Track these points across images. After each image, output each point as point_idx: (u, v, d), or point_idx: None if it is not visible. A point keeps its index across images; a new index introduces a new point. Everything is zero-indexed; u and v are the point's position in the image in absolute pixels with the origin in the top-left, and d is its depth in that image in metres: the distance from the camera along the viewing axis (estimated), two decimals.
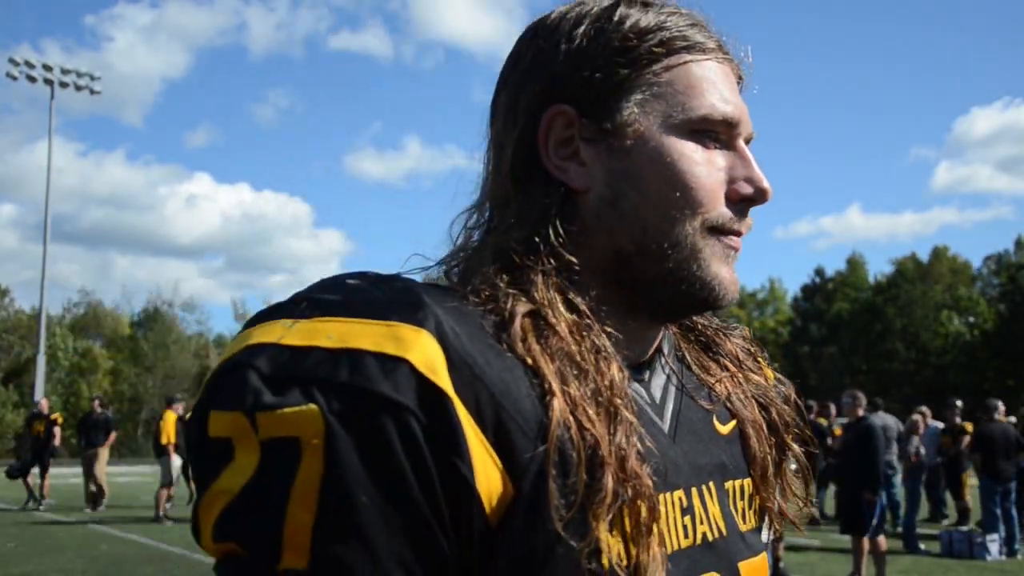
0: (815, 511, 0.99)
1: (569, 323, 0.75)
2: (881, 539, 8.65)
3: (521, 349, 0.71)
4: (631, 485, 0.69)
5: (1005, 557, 10.68)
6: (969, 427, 12.89)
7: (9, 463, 16.99)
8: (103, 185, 79.78)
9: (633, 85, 0.81)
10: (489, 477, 0.65)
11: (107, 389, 44.52)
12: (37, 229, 68.45)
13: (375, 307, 0.68)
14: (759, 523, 0.90)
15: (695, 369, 0.93)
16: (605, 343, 0.76)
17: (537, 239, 0.79)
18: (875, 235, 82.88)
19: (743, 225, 0.84)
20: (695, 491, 0.81)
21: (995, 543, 10.62)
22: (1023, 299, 46.25)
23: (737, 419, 0.91)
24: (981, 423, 11.56)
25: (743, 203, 0.84)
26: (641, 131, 0.81)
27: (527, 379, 0.70)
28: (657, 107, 0.81)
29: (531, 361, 0.71)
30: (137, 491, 17.19)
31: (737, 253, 0.84)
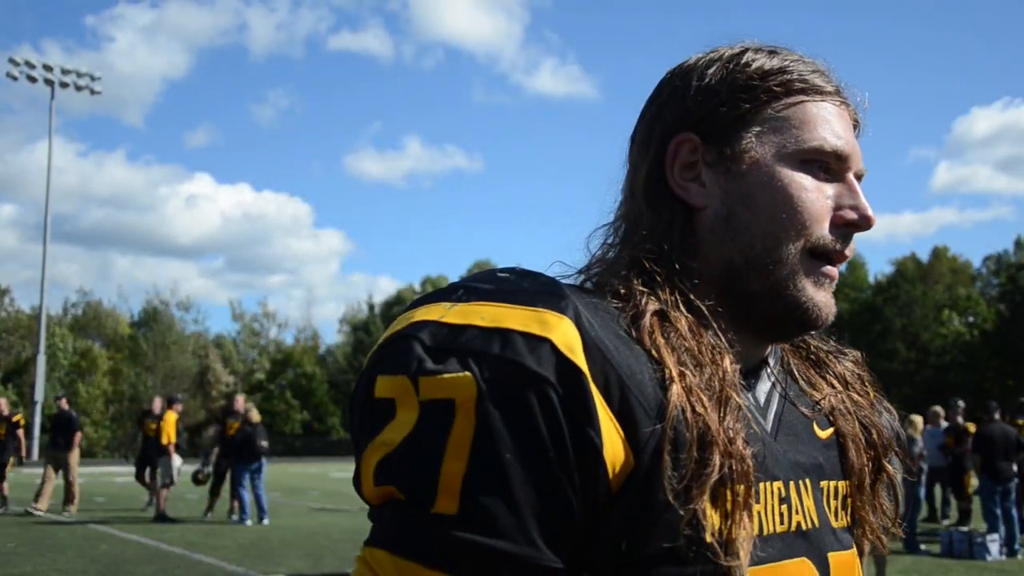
0: (901, 533, 1.06)
1: (689, 321, 0.85)
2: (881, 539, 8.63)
3: (648, 341, 0.80)
4: (735, 464, 0.77)
5: (1005, 557, 10.69)
6: (972, 427, 12.88)
7: None
8: (103, 185, 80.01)
9: (753, 118, 0.91)
10: (615, 447, 0.74)
11: (107, 389, 44.53)
12: (37, 229, 68.63)
13: (523, 295, 0.79)
14: (850, 524, 0.96)
15: (801, 383, 1.00)
16: (720, 340, 0.85)
17: (664, 248, 0.89)
18: (875, 235, 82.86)
19: (847, 248, 0.92)
20: (792, 484, 0.88)
21: (995, 543, 10.63)
22: (1023, 299, 46.24)
23: (836, 428, 0.98)
24: (983, 423, 11.56)
25: (847, 228, 0.92)
26: (756, 158, 0.90)
27: (651, 367, 0.79)
28: (773, 139, 0.91)
29: (655, 352, 0.80)
30: (137, 491, 17.16)
31: (833, 282, 0.93)
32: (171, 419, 14.15)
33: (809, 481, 0.90)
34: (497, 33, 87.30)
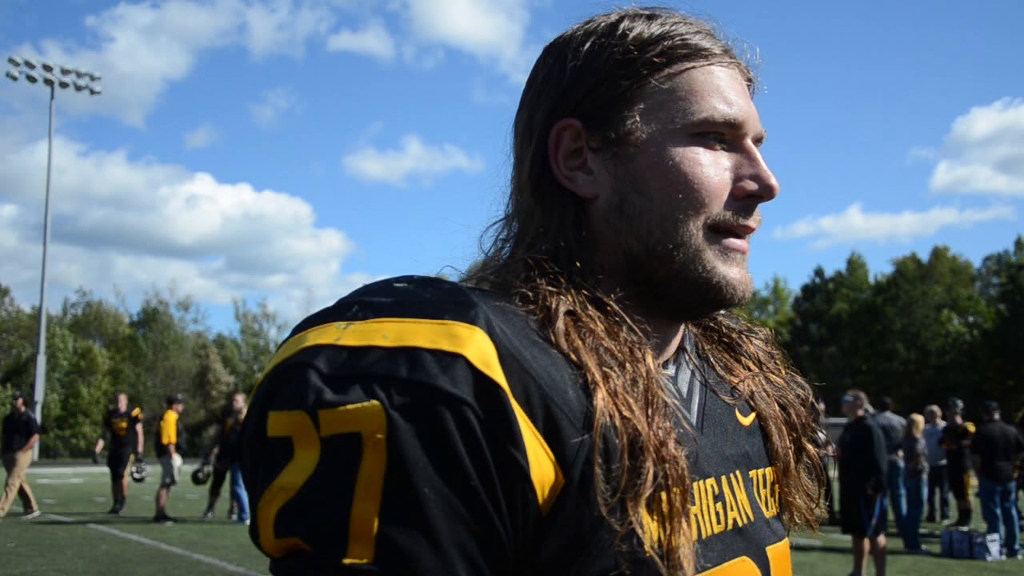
0: (825, 512, 1.03)
1: (602, 319, 0.79)
2: (881, 539, 8.65)
3: (565, 344, 0.74)
4: (669, 468, 0.72)
5: (1005, 557, 10.69)
6: (971, 427, 12.88)
7: None
8: (104, 185, 79.92)
9: (635, 95, 0.84)
10: (542, 466, 0.68)
11: (107, 389, 44.52)
12: (37, 229, 68.58)
13: (427, 306, 0.71)
14: (780, 511, 0.94)
15: (718, 368, 0.96)
16: (637, 335, 0.79)
17: (561, 245, 0.83)
18: (875, 235, 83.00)
19: (751, 220, 0.86)
20: (724, 479, 0.84)
21: (995, 543, 10.62)
22: (1023, 299, 46.23)
23: (758, 413, 0.95)
24: (982, 423, 11.56)
25: (749, 200, 0.86)
26: (643, 138, 0.83)
27: (571, 372, 0.73)
28: (659, 115, 0.84)
29: (574, 356, 0.74)
30: (137, 491, 17.19)
31: (745, 255, 0.87)
32: (171, 419, 14.16)
33: (739, 473, 0.87)
34: (497, 33, 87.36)
